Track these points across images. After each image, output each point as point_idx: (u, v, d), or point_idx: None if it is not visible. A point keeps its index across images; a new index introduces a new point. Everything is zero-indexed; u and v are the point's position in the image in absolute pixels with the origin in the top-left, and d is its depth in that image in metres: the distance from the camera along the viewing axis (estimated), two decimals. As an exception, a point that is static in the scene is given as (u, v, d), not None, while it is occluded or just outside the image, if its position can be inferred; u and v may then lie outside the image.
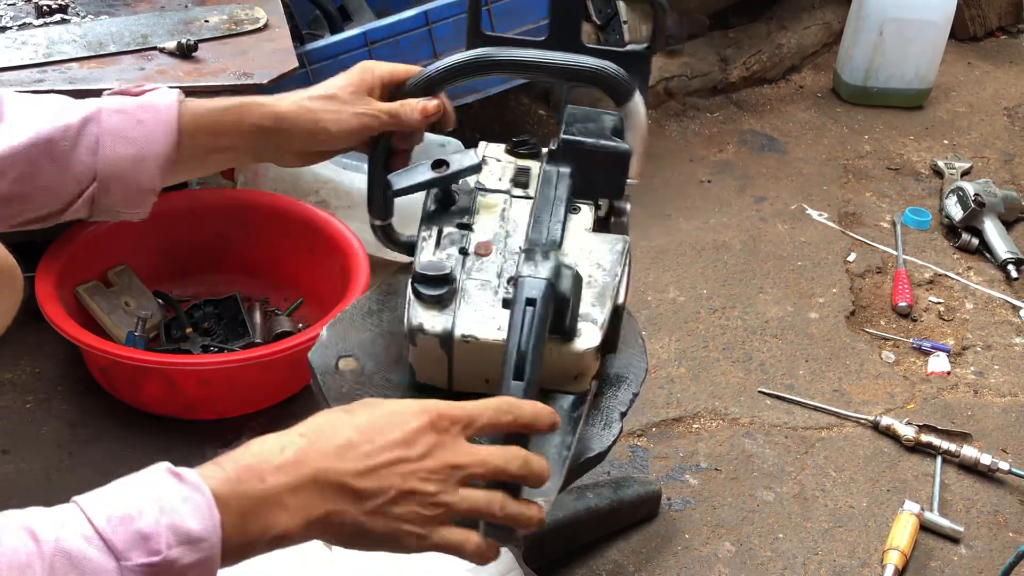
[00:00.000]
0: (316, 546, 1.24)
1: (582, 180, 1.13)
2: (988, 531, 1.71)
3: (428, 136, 2.20)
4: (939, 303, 2.24)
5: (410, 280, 1.06)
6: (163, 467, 0.74)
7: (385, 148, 1.15)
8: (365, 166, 2.27)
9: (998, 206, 2.42)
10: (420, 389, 1.12)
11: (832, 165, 2.71)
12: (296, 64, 1.76)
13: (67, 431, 1.73)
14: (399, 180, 1.13)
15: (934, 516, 1.69)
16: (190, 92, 1.72)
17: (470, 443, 0.82)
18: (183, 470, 0.75)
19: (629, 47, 1.24)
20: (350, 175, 1.98)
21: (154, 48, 1.75)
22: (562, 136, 1.13)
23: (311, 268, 1.95)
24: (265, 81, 1.68)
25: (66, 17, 1.82)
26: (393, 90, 1.15)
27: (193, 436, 1.72)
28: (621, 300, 1.09)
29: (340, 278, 1.85)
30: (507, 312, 0.97)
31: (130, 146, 1.00)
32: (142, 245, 1.92)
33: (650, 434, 1.84)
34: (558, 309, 0.97)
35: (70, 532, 0.69)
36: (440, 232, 1.10)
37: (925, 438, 1.83)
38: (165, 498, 0.72)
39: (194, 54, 1.73)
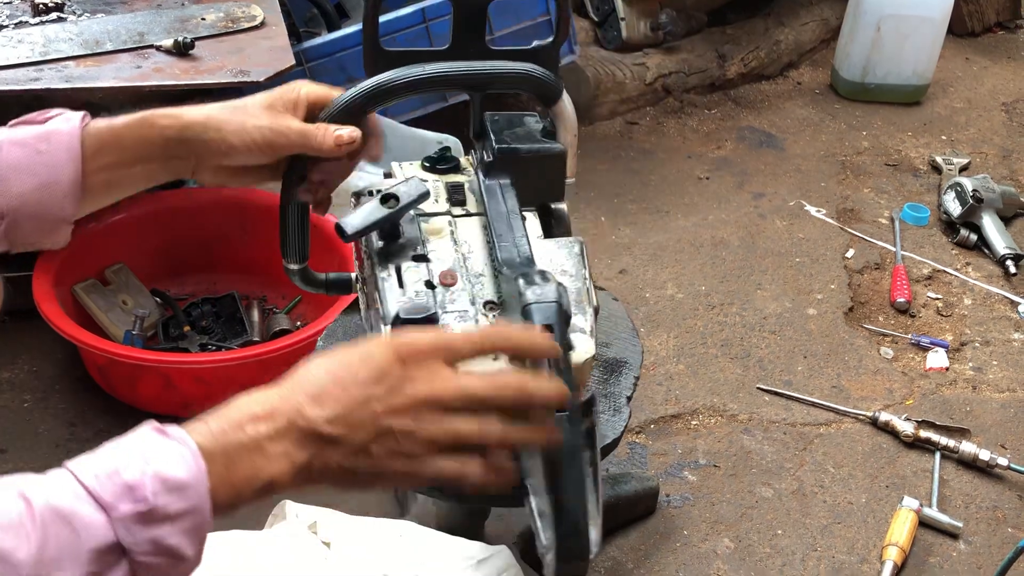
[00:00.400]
0: (314, 546, 1.24)
1: (521, 187, 1.08)
2: (987, 527, 1.71)
3: (426, 134, 2.21)
4: (937, 299, 2.24)
5: (386, 328, 0.98)
6: (149, 425, 0.75)
7: (296, 177, 1.05)
8: (364, 164, 2.26)
9: (996, 202, 2.42)
10: None
11: (830, 161, 2.71)
12: (293, 62, 1.75)
13: (65, 430, 1.73)
14: (351, 222, 1.01)
15: (933, 512, 1.69)
16: (187, 90, 1.73)
17: (456, 372, 0.80)
18: (168, 426, 0.75)
19: (535, 44, 1.19)
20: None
21: (151, 46, 1.75)
22: (496, 146, 1.08)
23: (309, 266, 1.94)
24: (262, 79, 1.68)
25: (62, 15, 1.82)
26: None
27: (191, 434, 1.72)
28: (595, 303, 1.06)
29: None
30: None
31: (33, 177, 0.96)
32: (140, 243, 1.92)
33: (648, 431, 1.84)
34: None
35: (60, 491, 0.70)
36: (399, 269, 1.03)
37: (924, 434, 1.83)
38: (150, 451, 0.72)
39: (191, 52, 1.73)
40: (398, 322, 0.96)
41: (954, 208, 2.42)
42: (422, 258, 1.04)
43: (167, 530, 0.70)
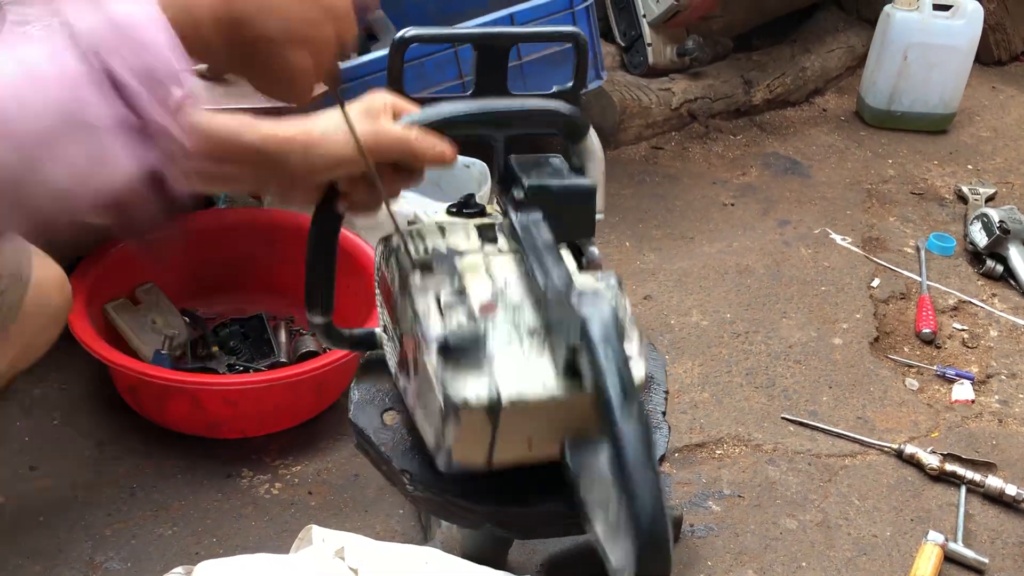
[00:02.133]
0: (342, 572, 1.24)
1: (553, 225, 1.08)
2: (1013, 563, 1.69)
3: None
4: (963, 330, 2.23)
5: (437, 355, 0.98)
6: None
7: (332, 222, 1.05)
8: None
9: (1023, 233, 2.41)
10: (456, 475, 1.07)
11: (856, 189, 2.71)
12: (324, 87, 1.77)
13: (93, 448, 1.74)
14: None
15: (958, 547, 1.68)
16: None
17: None
18: None
19: (554, 89, 1.22)
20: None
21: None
22: (527, 183, 1.09)
23: (336, 288, 1.95)
24: (295, 104, 1.69)
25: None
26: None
27: (218, 455, 1.73)
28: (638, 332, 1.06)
29: (364, 298, 1.85)
30: (543, 365, 0.94)
31: None
32: (170, 263, 1.93)
33: (673, 459, 1.84)
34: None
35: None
36: (438, 300, 1.03)
37: (949, 467, 1.82)
38: None
39: (226, 76, 1.75)
40: (446, 350, 0.96)
41: (980, 239, 2.42)
42: (460, 292, 1.04)
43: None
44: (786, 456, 1.86)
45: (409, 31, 1.24)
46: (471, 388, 0.95)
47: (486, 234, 1.13)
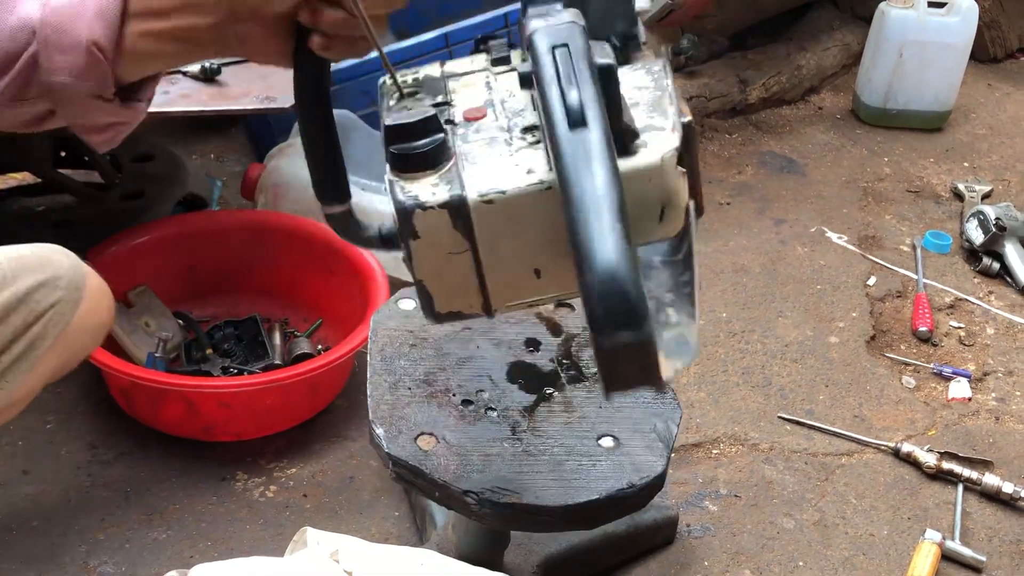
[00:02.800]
0: (337, 575, 1.24)
1: (587, 19, 0.77)
2: (1011, 561, 1.69)
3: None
4: (960, 328, 2.22)
5: (384, 148, 0.77)
6: None
7: (315, 72, 0.84)
8: (384, 187, 2.26)
9: (1019, 230, 2.41)
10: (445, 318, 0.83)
11: (852, 187, 2.71)
12: None
13: (87, 452, 1.74)
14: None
15: (956, 545, 1.67)
16: (214, 116, 1.75)
17: None
18: None
19: None
20: (369, 196, 1.98)
21: (177, 71, 1.76)
22: None
23: (330, 289, 1.96)
24: (288, 105, 1.69)
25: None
26: None
27: (212, 458, 1.73)
28: (687, 113, 0.80)
29: (359, 299, 1.86)
30: (537, 154, 0.73)
31: None
32: (163, 266, 1.93)
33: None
34: (605, 83, 0.68)
35: None
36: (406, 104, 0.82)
37: (946, 465, 1.82)
38: None
39: (217, 78, 1.75)
40: (389, 138, 0.76)
41: (976, 236, 2.41)
42: (443, 105, 0.83)
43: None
44: (783, 455, 1.86)
45: None
46: (425, 186, 0.75)
47: (498, 55, 0.88)
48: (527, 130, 0.78)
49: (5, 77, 0.85)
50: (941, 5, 2.87)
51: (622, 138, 0.71)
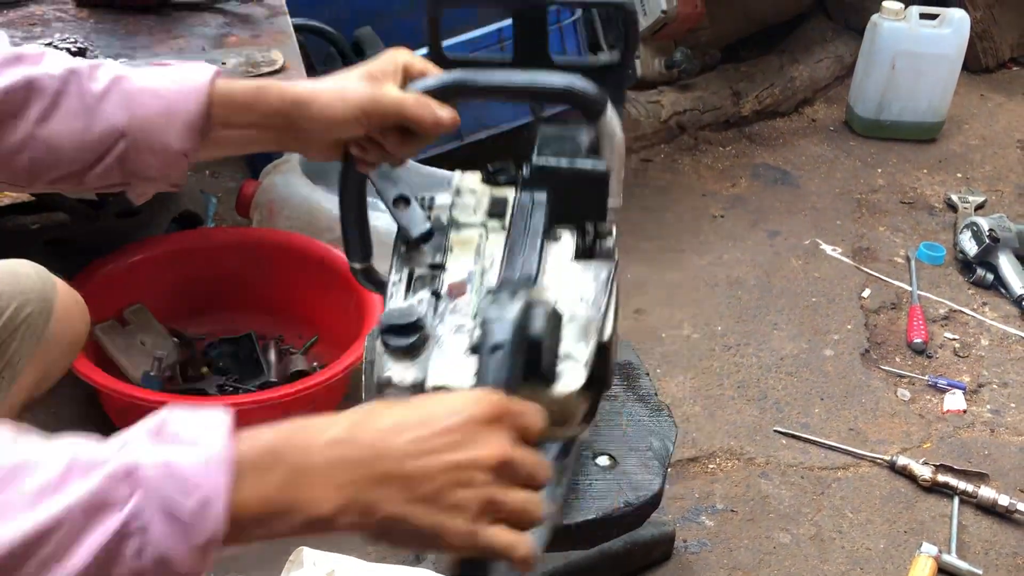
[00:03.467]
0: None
1: (561, 205, 1.03)
2: (1007, 574, 1.69)
3: (437, 172, 2.21)
4: (954, 339, 2.23)
5: (378, 331, 0.96)
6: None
7: (353, 179, 1.05)
8: (380, 204, 2.27)
9: (1012, 241, 2.41)
10: None
11: (845, 199, 2.71)
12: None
13: (83, 471, 1.73)
14: (415, 228, 1.03)
15: (952, 558, 1.68)
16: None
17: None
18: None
19: (601, 58, 1.14)
20: (371, 213, 1.99)
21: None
22: (534, 161, 1.04)
23: (326, 306, 1.96)
24: (282, 123, 1.69)
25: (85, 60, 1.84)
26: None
27: (208, 476, 1.72)
28: (608, 335, 0.98)
29: (355, 316, 1.85)
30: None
31: (159, 100, 0.98)
32: (158, 284, 1.93)
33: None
34: (531, 352, 0.87)
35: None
36: (411, 275, 1.01)
37: (942, 478, 1.82)
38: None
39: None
40: (383, 328, 0.94)
41: (970, 247, 2.42)
42: (439, 267, 1.01)
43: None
44: (779, 469, 1.86)
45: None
46: (399, 370, 0.93)
47: (495, 208, 1.06)
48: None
49: (96, 168, 0.98)
50: (933, 16, 2.88)
51: (547, 376, 0.90)
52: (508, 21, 2.39)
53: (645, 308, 2.24)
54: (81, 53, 1.84)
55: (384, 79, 1.02)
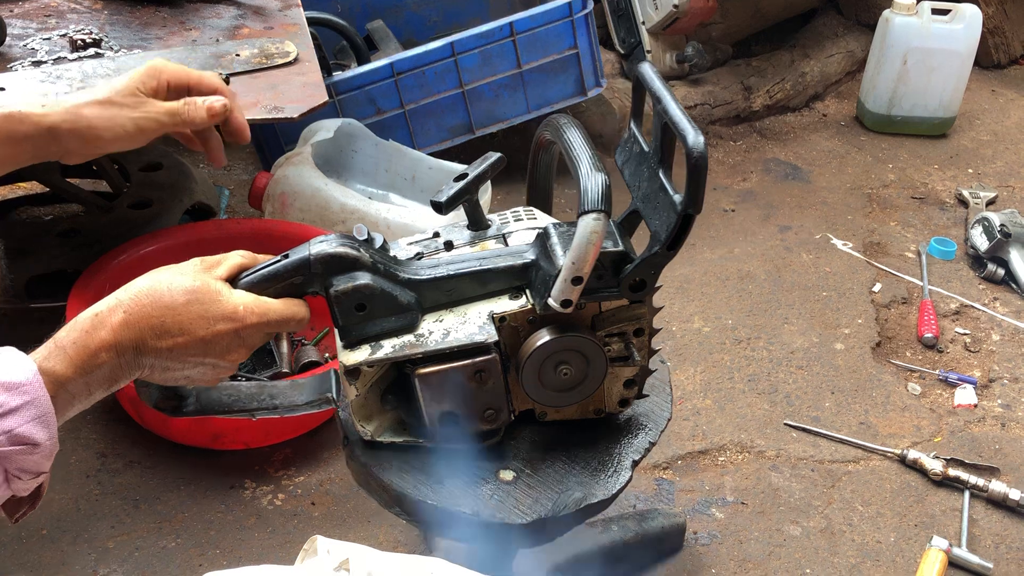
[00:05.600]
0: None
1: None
2: (1018, 568, 1.69)
3: (451, 165, 2.22)
4: (965, 334, 2.23)
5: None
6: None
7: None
8: (391, 195, 2.27)
9: (1024, 236, 2.42)
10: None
11: (856, 194, 2.71)
12: (326, 98, 1.77)
13: (96, 461, 1.74)
14: (440, 199, 1.21)
15: (963, 552, 1.68)
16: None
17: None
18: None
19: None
20: (376, 205, 1.99)
21: (186, 81, 1.77)
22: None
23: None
24: (295, 115, 1.70)
25: (100, 51, 1.85)
26: (183, 91, 1.21)
27: (220, 466, 1.73)
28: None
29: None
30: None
31: None
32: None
33: (676, 467, 1.84)
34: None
35: None
36: None
37: (953, 472, 1.82)
38: None
39: (225, 88, 1.75)
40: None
41: (981, 243, 2.42)
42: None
43: (13, 421, 0.87)
44: (789, 462, 1.86)
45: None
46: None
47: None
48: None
49: None
50: (945, 12, 2.88)
51: None
52: (517, 16, 2.41)
53: (656, 301, 2.23)
54: (96, 44, 1.85)
55: (151, 95, 1.16)
